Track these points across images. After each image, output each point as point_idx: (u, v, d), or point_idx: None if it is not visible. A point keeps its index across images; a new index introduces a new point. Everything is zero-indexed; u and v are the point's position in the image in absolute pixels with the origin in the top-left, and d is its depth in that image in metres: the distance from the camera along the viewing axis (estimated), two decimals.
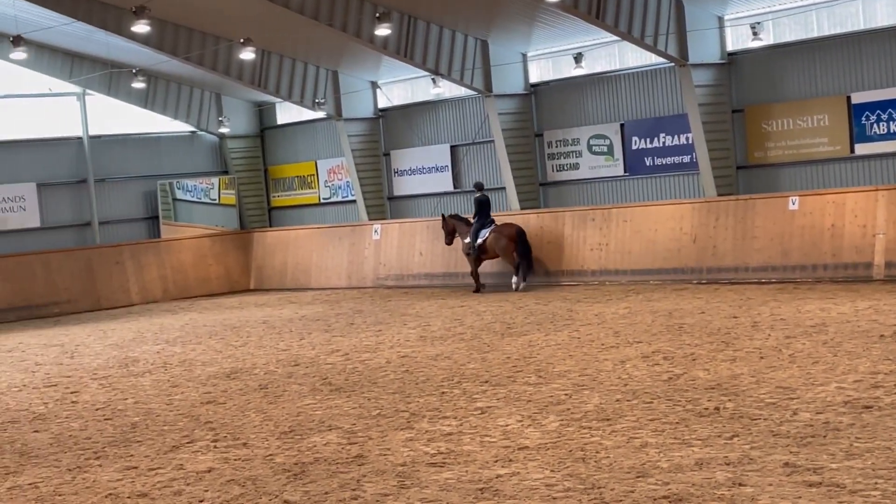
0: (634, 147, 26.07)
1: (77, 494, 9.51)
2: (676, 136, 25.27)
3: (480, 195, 25.84)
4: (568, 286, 24.95)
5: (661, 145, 25.59)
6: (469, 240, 25.60)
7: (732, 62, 24.20)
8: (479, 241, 25.37)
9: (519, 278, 25.07)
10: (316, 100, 30.12)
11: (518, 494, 8.36)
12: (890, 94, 22.09)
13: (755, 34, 23.54)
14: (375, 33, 24.61)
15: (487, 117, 27.91)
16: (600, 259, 25.06)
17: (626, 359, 14.15)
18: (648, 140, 25.81)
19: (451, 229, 26.33)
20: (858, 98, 22.49)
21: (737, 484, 8.14)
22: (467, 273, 26.43)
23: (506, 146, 27.33)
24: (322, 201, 33.26)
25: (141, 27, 23.28)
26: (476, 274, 25.76)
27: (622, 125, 26.25)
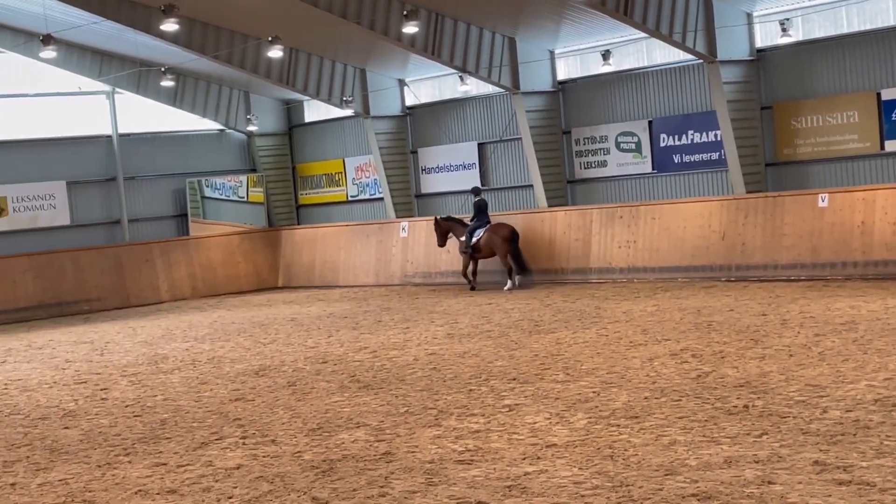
0: (663, 144, 25.98)
1: (107, 490, 9.56)
2: (705, 133, 25.17)
3: (479, 199, 26.70)
4: (596, 284, 24.90)
5: (690, 142, 25.49)
6: (464, 239, 26.37)
7: (761, 59, 24.08)
8: (474, 241, 26.14)
9: (513, 280, 25.70)
10: (344, 98, 30.16)
11: (546, 492, 8.35)
12: None
13: (784, 30, 23.41)
14: (403, 31, 24.62)
15: (515, 115, 27.88)
16: (628, 256, 25.00)
17: (655, 356, 14.11)
18: (677, 137, 25.71)
19: (445, 231, 27.25)
20: (888, 94, 22.32)
21: (766, 482, 8.10)
22: (494, 271, 26.46)
23: (533, 144, 27.29)
24: (350, 199, 33.31)
25: (169, 25, 23.36)
26: (466, 272, 26.56)
27: (650, 122, 26.17)
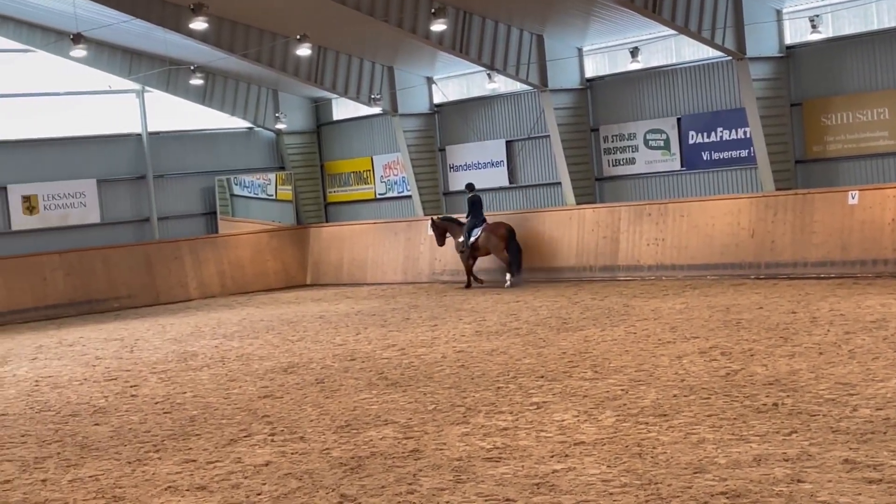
0: (691, 141, 25.89)
1: (137, 487, 9.61)
2: (734, 131, 25.08)
3: (473, 195, 27.18)
4: (624, 281, 24.85)
5: (719, 140, 25.40)
6: (462, 238, 26.83)
7: (791, 55, 23.96)
8: (472, 240, 26.62)
9: (513, 276, 26.11)
10: (372, 96, 30.19)
11: (574, 490, 8.35)
12: None
13: (814, 27, 23.27)
14: (431, 29, 24.63)
15: (543, 112, 27.85)
16: (657, 254, 24.93)
17: (683, 354, 14.07)
18: (705, 134, 25.62)
19: (443, 231, 27.76)
20: None
21: (795, 480, 8.07)
22: (523, 269, 26.45)
23: (561, 141, 27.26)
24: (378, 197, 33.35)
25: (199, 24, 23.44)
26: (470, 271, 27.04)
27: (679, 119, 26.09)
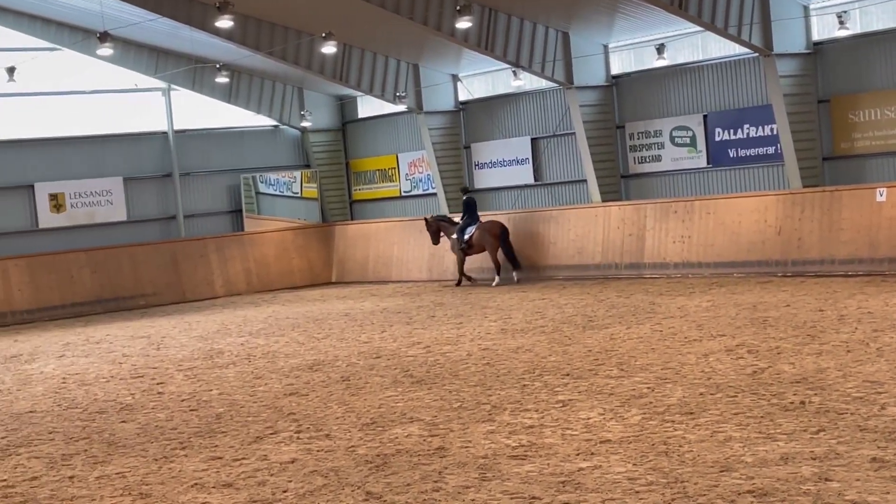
0: (718, 138, 25.79)
1: (163, 484, 9.64)
2: (761, 128, 24.96)
3: (467, 197, 27.97)
4: (650, 279, 24.78)
5: (745, 136, 25.28)
6: (456, 236, 27.62)
7: (818, 52, 23.82)
8: (466, 238, 27.34)
9: (500, 276, 26.86)
10: (397, 93, 30.21)
11: (600, 488, 8.32)
12: None
13: (842, 23, 23.12)
14: (456, 26, 24.61)
15: (568, 109, 27.79)
16: (683, 251, 24.84)
17: (710, 352, 14.01)
18: (732, 131, 25.51)
19: (437, 230, 28.52)
20: None
21: (823, 479, 8.02)
22: (549, 266, 26.44)
23: (587, 138, 27.19)
24: (403, 194, 33.36)
25: (224, 22, 23.50)
26: (462, 269, 27.70)
27: (705, 116, 25.98)
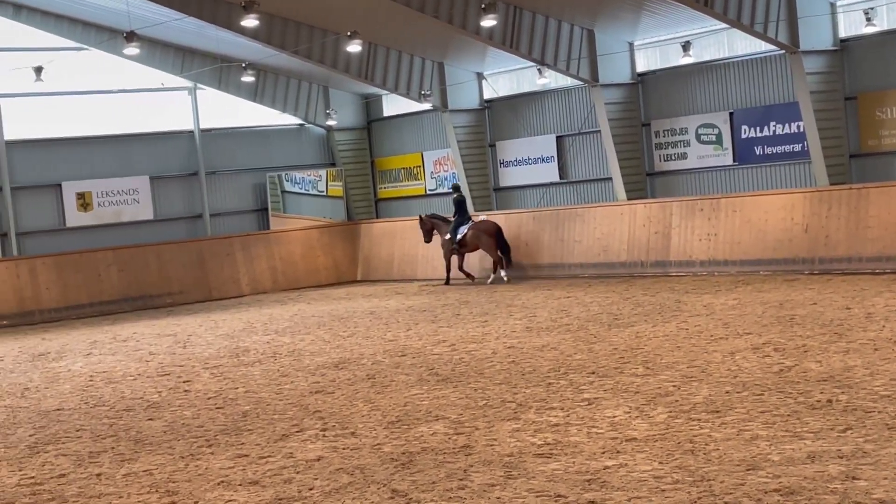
0: (744, 136, 25.69)
1: (190, 481, 9.68)
2: (787, 125, 24.85)
3: (458, 196, 28.58)
4: (676, 277, 24.71)
5: (772, 134, 25.17)
6: (449, 236, 27.95)
7: (845, 49, 23.69)
8: (459, 237, 27.92)
9: (504, 272, 27.40)
10: (422, 91, 30.23)
11: (626, 486, 8.31)
12: None
13: (869, 20, 23.00)
14: (481, 25, 24.61)
15: (594, 107, 27.74)
16: (709, 249, 24.76)
17: (736, 350, 13.96)
18: (758, 129, 25.41)
19: (430, 228, 29.22)
20: None
21: (850, 478, 7.98)
22: (574, 264, 26.43)
23: (612, 136, 27.14)
24: (428, 192, 33.38)
25: (250, 21, 23.58)
26: (458, 267, 28.42)
27: (731, 114, 25.89)
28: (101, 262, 29.66)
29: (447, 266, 28.60)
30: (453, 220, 28.29)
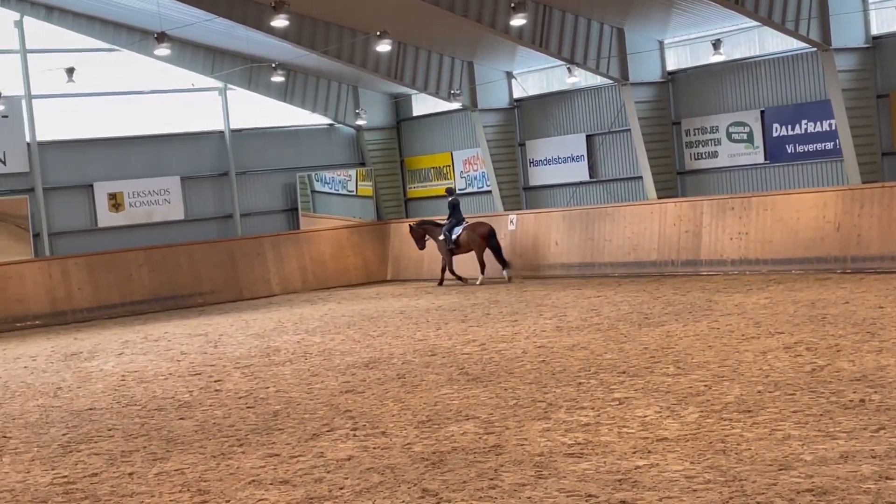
0: (775, 134, 25.56)
1: (221, 481, 9.71)
2: (819, 123, 24.70)
3: (452, 199, 29.08)
4: (706, 276, 24.61)
5: (804, 132, 25.03)
6: (442, 238, 28.37)
7: (877, 46, 23.52)
8: (454, 238, 28.48)
9: (505, 272, 27.96)
10: (451, 91, 30.23)
11: (657, 486, 8.28)
12: None
13: None
14: (510, 24, 24.58)
15: (624, 106, 27.67)
16: (740, 248, 24.65)
17: (768, 350, 13.89)
18: (790, 127, 25.27)
19: (422, 235, 29.86)
20: None
21: (883, 478, 7.93)
22: (604, 264, 26.35)
23: (643, 135, 27.06)
24: (458, 192, 33.33)
25: (280, 22, 23.63)
26: (444, 269, 28.88)
27: (762, 112, 25.76)
28: (133, 262, 29.81)
29: (443, 267, 28.93)
30: (447, 222, 28.68)
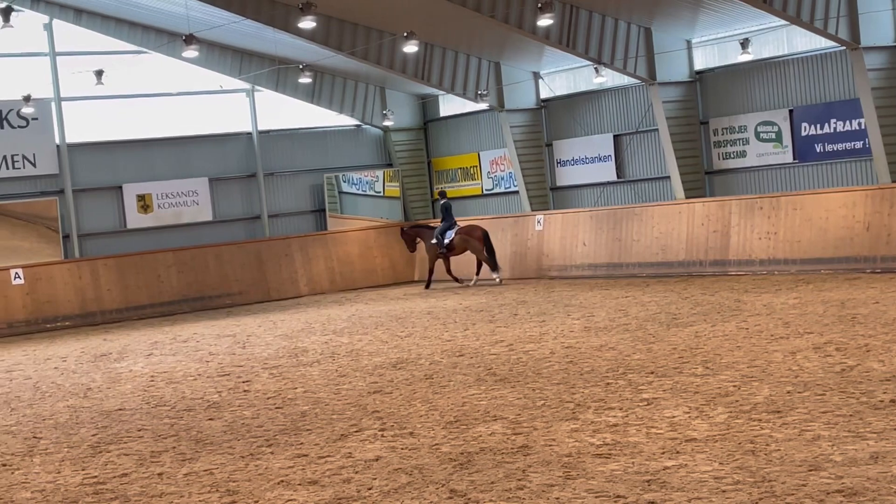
0: (804, 133, 25.43)
1: (250, 481, 9.75)
2: (848, 122, 24.56)
3: (445, 202, 29.65)
4: (735, 276, 24.52)
5: (833, 131, 24.90)
6: (435, 241, 28.67)
7: None
8: (447, 241, 28.91)
9: (496, 274, 28.36)
10: (478, 91, 30.22)
11: (686, 487, 8.25)
12: None
13: None
14: (537, 24, 24.54)
15: (651, 106, 27.59)
16: (769, 248, 24.54)
17: (797, 350, 13.83)
18: (819, 126, 25.14)
19: (413, 237, 30.26)
20: None
21: None
22: (632, 264, 26.28)
23: (670, 135, 26.98)
24: (485, 192, 33.37)
25: (307, 23, 23.67)
26: (431, 272, 29.51)
27: (791, 111, 25.64)
28: (161, 264, 29.95)
29: (430, 269, 29.46)
30: (439, 226, 29.05)
